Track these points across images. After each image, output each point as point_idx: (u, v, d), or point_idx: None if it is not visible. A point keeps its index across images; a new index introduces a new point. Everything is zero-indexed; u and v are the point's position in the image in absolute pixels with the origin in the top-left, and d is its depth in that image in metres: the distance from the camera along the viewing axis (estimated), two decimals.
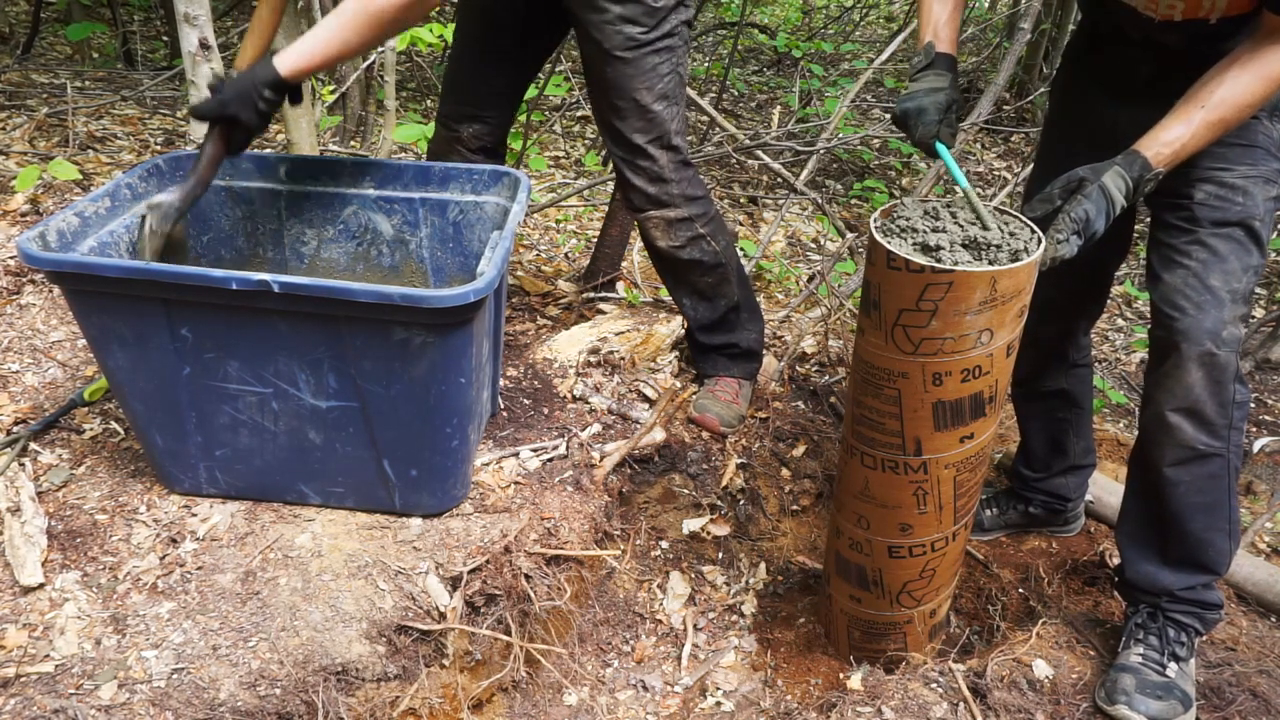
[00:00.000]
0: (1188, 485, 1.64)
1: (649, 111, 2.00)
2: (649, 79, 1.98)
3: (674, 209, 2.14)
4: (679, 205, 2.14)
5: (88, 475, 1.76)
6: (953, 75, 1.65)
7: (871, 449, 1.68)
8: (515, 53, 2.16)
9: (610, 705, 1.90)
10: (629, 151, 2.06)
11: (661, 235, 2.17)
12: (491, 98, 2.19)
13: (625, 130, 2.03)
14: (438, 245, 2.00)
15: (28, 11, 5.03)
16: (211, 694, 1.39)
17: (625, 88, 1.98)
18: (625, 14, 1.91)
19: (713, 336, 2.34)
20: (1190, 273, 1.58)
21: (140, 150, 3.48)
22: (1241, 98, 1.43)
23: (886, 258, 1.48)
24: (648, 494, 2.22)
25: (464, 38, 2.18)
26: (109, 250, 1.65)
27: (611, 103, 2.01)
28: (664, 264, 2.27)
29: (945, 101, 1.61)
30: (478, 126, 2.20)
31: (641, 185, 2.10)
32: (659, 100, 2.00)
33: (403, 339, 1.48)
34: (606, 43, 1.93)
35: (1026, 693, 1.73)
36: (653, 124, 2.02)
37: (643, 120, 2.01)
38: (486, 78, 2.17)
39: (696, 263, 2.21)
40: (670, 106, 2.03)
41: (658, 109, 2.01)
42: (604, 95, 2.01)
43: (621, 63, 1.95)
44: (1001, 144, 5.95)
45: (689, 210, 2.15)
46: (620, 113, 2.01)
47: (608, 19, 1.91)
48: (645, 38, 1.94)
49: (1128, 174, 1.46)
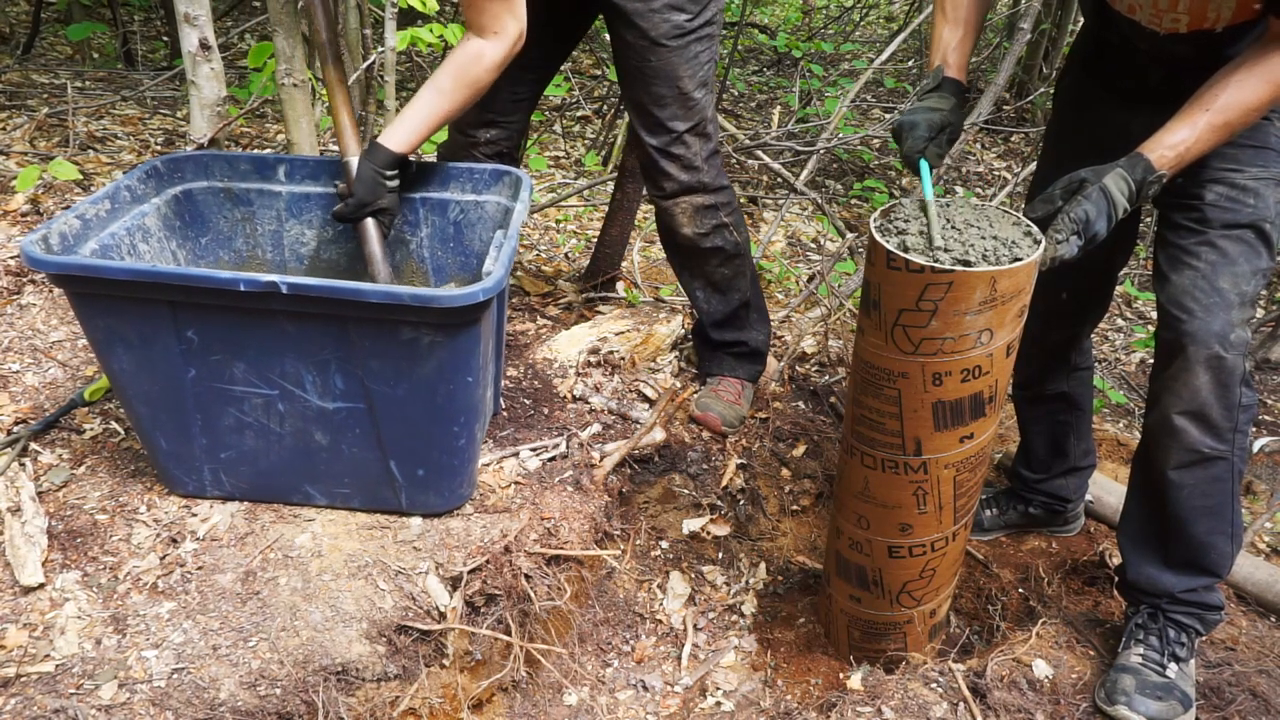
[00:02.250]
0: (1191, 488, 1.64)
1: (690, 99, 2.02)
2: (692, 66, 2.00)
3: (703, 195, 2.15)
4: (709, 192, 2.15)
5: (88, 475, 1.76)
6: (956, 101, 1.66)
7: (871, 449, 1.68)
8: (540, 62, 2.16)
9: (610, 705, 1.90)
10: (667, 139, 2.07)
11: (688, 221, 2.18)
12: (512, 104, 2.19)
13: (665, 118, 2.04)
14: (438, 245, 2.00)
15: (28, 11, 5.03)
16: (211, 694, 1.39)
17: (670, 75, 1.99)
18: (672, 1, 1.93)
19: (723, 333, 2.35)
20: (1199, 274, 1.57)
21: (140, 150, 3.48)
22: (1247, 102, 1.43)
23: (886, 258, 1.48)
24: (648, 494, 2.22)
25: None
26: (111, 252, 1.65)
27: (653, 91, 2.02)
28: (683, 253, 2.27)
29: (940, 122, 1.62)
30: (495, 132, 2.20)
31: (675, 172, 2.11)
32: (700, 88, 2.03)
33: (411, 339, 1.48)
34: (653, 30, 1.95)
35: (1026, 693, 1.73)
36: (693, 111, 2.04)
37: (684, 108, 2.03)
38: (509, 86, 2.14)
39: (717, 250, 2.22)
40: (708, 94, 2.06)
41: (698, 96, 2.03)
42: (645, 84, 2.02)
43: (667, 50, 1.96)
44: (1001, 144, 5.95)
45: (716, 198, 2.17)
46: (661, 100, 2.02)
47: (654, 6, 1.93)
48: (690, 25, 1.96)
49: (1130, 176, 1.46)
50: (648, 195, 2.28)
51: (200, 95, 2.25)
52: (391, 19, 2.72)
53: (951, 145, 1.66)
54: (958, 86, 1.68)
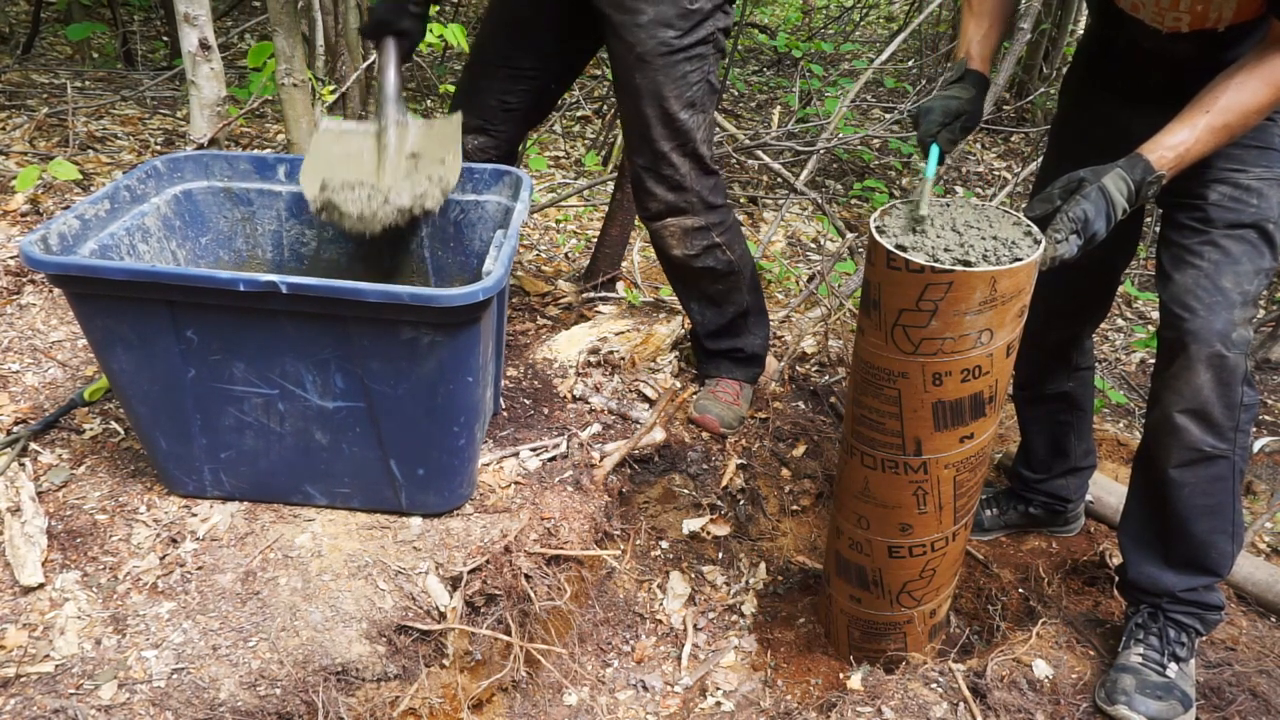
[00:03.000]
0: (1193, 487, 1.64)
1: (675, 120, 1.96)
2: (679, 87, 1.93)
3: (691, 216, 2.10)
4: (697, 213, 2.09)
5: (88, 475, 1.76)
6: (977, 91, 1.67)
7: (871, 449, 1.68)
8: (533, 71, 2.11)
9: (610, 705, 1.90)
10: (652, 158, 2.02)
11: (677, 244, 2.13)
12: (503, 113, 2.14)
13: (650, 136, 1.98)
14: (438, 244, 2.00)
15: (28, 11, 5.03)
16: (211, 694, 1.39)
17: (654, 94, 1.93)
18: (659, 16, 1.86)
19: (718, 342, 2.34)
20: (1202, 273, 1.58)
21: (140, 150, 3.48)
22: (1247, 103, 1.43)
23: (886, 258, 1.48)
24: (648, 494, 2.22)
25: (484, 51, 2.13)
26: (110, 253, 1.65)
27: (638, 108, 1.96)
28: (675, 271, 2.24)
29: (956, 109, 1.63)
30: (484, 139, 2.16)
31: (660, 193, 2.06)
32: (686, 109, 1.96)
33: (411, 338, 1.48)
34: (639, 46, 1.89)
35: (1026, 693, 1.73)
36: (677, 132, 1.98)
37: (668, 128, 1.97)
38: (499, 93, 2.12)
39: (709, 270, 2.18)
40: (696, 115, 1.99)
41: (684, 117, 1.97)
42: (631, 100, 1.97)
43: (651, 68, 1.91)
44: (1001, 144, 5.95)
45: (706, 219, 2.11)
46: (645, 119, 1.97)
47: (640, 21, 1.87)
48: (679, 43, 1.89)
49: (1130, 176, 1.46)
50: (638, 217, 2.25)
51: (200, 95, 2.25)
52: None
53: (967, 133, 1.67)
54: (979, 78, 1.69)
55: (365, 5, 3.01)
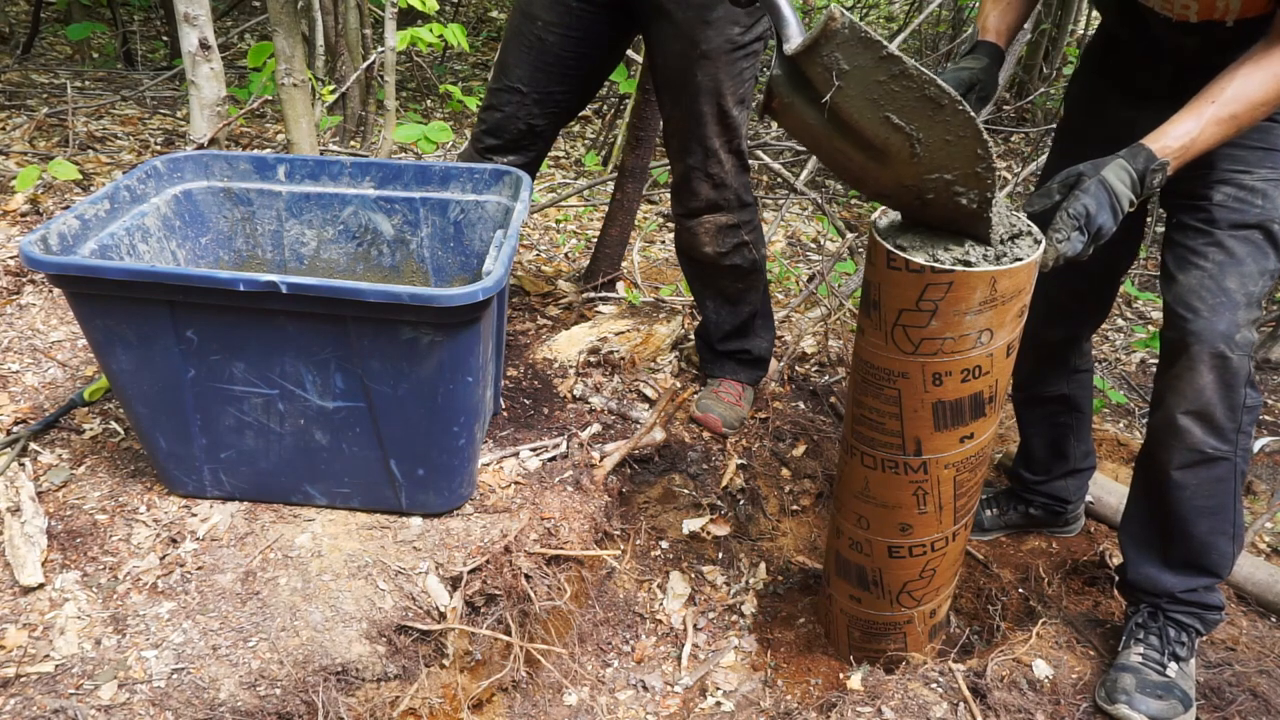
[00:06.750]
0: (1194, 488, 1.64)
1: (728, 116, 1.97)
2: (736, 82, 1.94)
3: (727, 213, 2.11)
4: (732, 210, 2.11)
5: (88, 475, 1.76)
6: (989, 61, 1.66)
7: (871, 449, 1.68)
8: (564, 96, 2.10)
9: (610, 705, 1.90)
10: (703, 155, 2.02)
11: (710, 241, 2.14)
12: (531, 136, 2.14)
13: (703, 133, 1.98)
14: (438, 245, 2.00)
15: (28, 11, 5.03)
16: (211, 694, 1.39)
17: (712, 90, 1.93)
18: (729, 14, 1.86)
19: (727, 343, 2.35)
20: (1206, 274, 1.57)
21: (140, 150, 3.48)
22: (1253, 95, 1.42)
23: (886, 258, 1.48)
24: (648, 494, 2.22)
25: (510, 76, 2.08)
26: (110, 253, 1.65)
27: (694, 106, 1.96)
28: (698, 268, 2.24)
29: (969, 80, 1.62)
30: (514, 158, 2.15)
31: (704, 190, 2.06)
32: (738, 105, 1.98)
33: (411, 338, 1.48)
34: (706, 44, 1.88)
35: (1026, 693, 1.73)
36: (728, 128, 1.99)
37: (721, 124, 1.98)
38: (530, 119, 2.10)
39: (734, 269, 2.19)
40: (744, 111, 2.01)
41: (735, 113, 1.98)
42: (688, 98, 1.96)
43: (714, 64, 1.90)
44: (1002, 144, 5.95)
45: (739, 216, 2.13)
46: (701, 116, 1.97)
47: (709, 18, 1.86)
48: (742, 39, 1.90)
49: (1132, 166, 1.44)
50: (670, 213, 2.24)
51: (200, 95, 2.25)
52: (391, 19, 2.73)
53: (984, 104, 1.66)
54: (992, 49, 1.68)
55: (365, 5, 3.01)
